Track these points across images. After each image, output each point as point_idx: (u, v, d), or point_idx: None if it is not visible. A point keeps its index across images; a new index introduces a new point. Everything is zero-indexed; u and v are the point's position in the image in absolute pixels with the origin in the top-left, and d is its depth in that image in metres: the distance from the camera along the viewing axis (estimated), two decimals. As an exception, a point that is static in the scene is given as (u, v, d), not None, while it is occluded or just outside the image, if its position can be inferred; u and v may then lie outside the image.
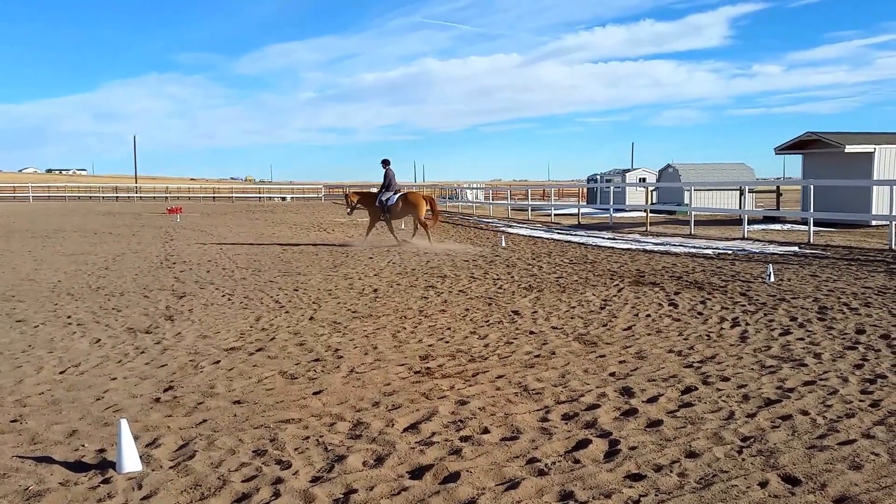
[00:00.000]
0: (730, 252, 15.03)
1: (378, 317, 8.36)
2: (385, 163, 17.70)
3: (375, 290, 10.37)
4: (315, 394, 5.31)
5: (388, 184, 17.57)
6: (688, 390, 5.21)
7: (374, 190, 18.52)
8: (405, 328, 7.69)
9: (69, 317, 8.51)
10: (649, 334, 7.18)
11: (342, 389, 5.42)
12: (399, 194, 17.75)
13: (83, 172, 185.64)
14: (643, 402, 4.96)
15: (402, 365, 6.12)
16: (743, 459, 3.90)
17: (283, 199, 63.52)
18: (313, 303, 9.38)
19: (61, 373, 6.00)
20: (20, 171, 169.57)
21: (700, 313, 8.22)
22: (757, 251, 15.16)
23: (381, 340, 7.10)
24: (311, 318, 8.30)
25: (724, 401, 4.93)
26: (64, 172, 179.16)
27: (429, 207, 17.99)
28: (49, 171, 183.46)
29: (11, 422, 4.74)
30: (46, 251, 16.63)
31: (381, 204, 17.40)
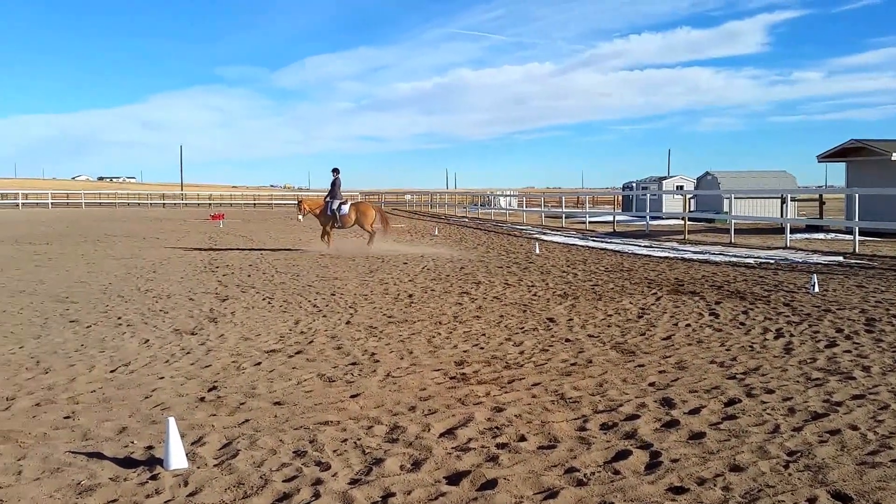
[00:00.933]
0: (772, 261, 14.76)
1: (413, 322, 8.41)
2: (335, 171, 18.51)
3: (410, 296, 10.44)
4: (352, 397, 5.37)
5: (334, 192, 18.28)
6: (731, 402, 5.13)
7: (319, 197, 19.00)
8: (440, 334, 7.73)
9: (119, 318, 8.76)
10: (690, 344, 7.10)
11: (379, 393, 5.47)
12: (350, 204, 18.56)
13: (132, 180, 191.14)
14: (685, 413, 4.90)
15: (438, 370, 6.16)
16: (790, 474, 3.83)
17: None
18: (350, 307, 9.48)
19: (112, 371, 6.18)
20: (73, 178, 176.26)
21: (742, 324, 8.10)
22: (800, 261, 14.85)
23: (416, 345, 7.15)
24: (347, 323, 8.40)
25: (768, 414, 4.85)
26: (114, 180, 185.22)
27: (380, 218, 19.07)
28: (100, 178, 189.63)
29: (65, 418, 4.91)
30: (98, 255, 17.11)
31: (333, 213, 18.04)
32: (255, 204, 67.10)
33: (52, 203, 58.21)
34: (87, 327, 8.14)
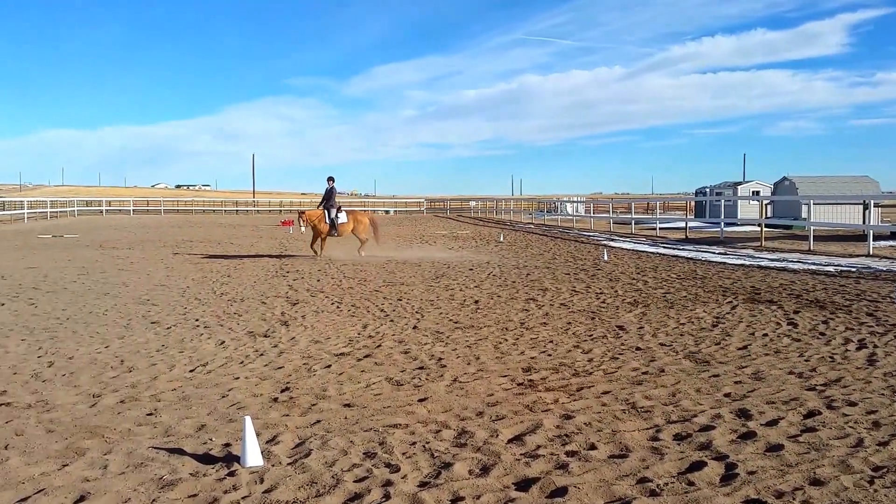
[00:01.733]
0: (853, 269, 14.11)
1: (480, 328, 8.42)
2: (331, 179, 18.42)
3: (476, 302, 10.46)
4: (420, 401, 5.42)
5: (331, 200, 18.20)
6: (810, 414, 4.95)
7: (311, 208, 18.84)
8: (507, 340, 7.71)
9: (197, 320, 9.09)
10: (767, 354, 6.86)
11: (446, 398, 5.50)
12: (346, 212, 18.50)
13: (207, 187, 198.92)
14: (762, 424, 4.75)
15: (505, 376, 6.15)
16: (875, 490, 3.66)
17: (387, 212, 65.12)
18: (416, 312, 9.57)
19: (191, 371, 6.42)
20: (153, 186, 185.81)
21: (822, 334, 7.78)
22: (884, 269, 14.14)
23: (483, 351, 7.15)
24: (414, 328, 8.47)
25: (851, 427, 4.65)
26: (191, 187, 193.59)
27: (372, 226, 19.05)
28: (178, 186, 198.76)
29: (147, 415, 5.12)
30: (177, 259, 17.81)
31: (332, 221, 18.01)
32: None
33: (133, 210, 60.94)
34: (167, 329, 8.47)
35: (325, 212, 18.15)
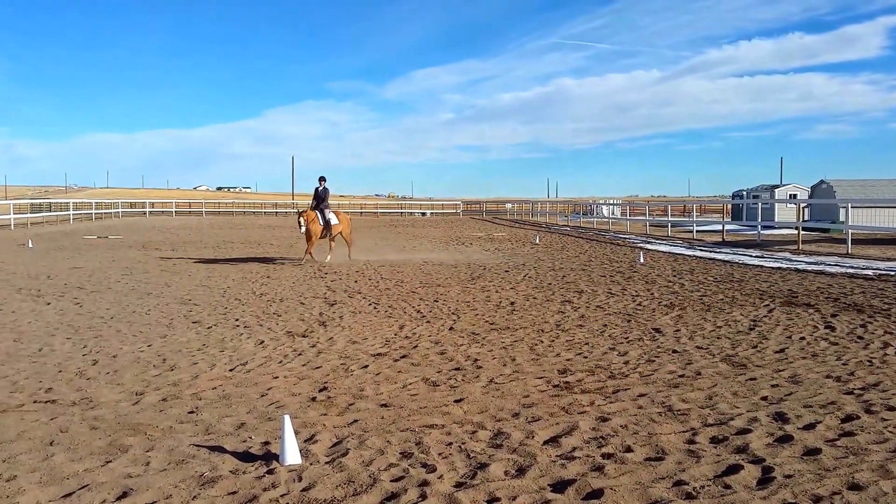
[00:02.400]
0: (892, 273, 13.76)
1: (515, 329, 8.44)
2: (322, 179, 17.86)
3: (512, 303, 10.47)
4: (456, 402, 5.47)
5: (325, 201, 17.67)
6: (848, 418, 4.88)
7: (304, 209, 17.83)
8: (542, 342, 7.72)
9: (237, 320, 9.26)
10: (804, 358, 6.77)
11: (482, 399, 5.54)
12: (334, 213, 17.92)
13: (248, 190, 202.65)
14: (799, 428, 4.70)
15: (541, 378, 6.16)
16: (915, 497, 3.61)
17: (423, 214, 65.44)
18: (452, 314, 9.62)
19: (231, 370, 6.56)
20: (194, 188, 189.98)
21: (860, 337, 7.63)
22: (931, 272, 13.76)
23: (518, 353, 7.17)
24: (450, 329, 8.53)
25: (890, 431, 4.57)
26: (232, 190, 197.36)
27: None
28: (219, 188, 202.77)
29: (189, 413, 5.25)
30: (217, 260, 18.12)
31: (327, 222, 17.46)
32: (361, 212, 69.07)
33: (175, 212, 62.23)
34: (208, 328, 8.66)
35: (319, 213, 17.34)
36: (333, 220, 17.68)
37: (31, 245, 22.22)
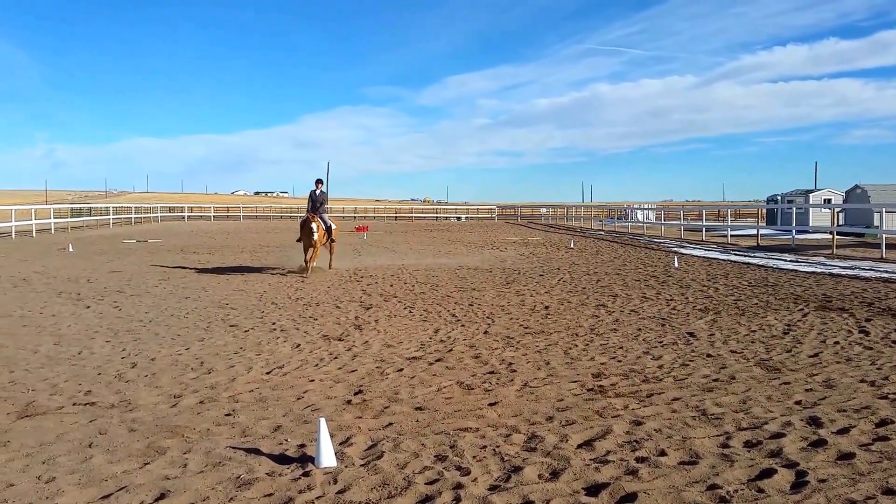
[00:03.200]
0: (941, 276, 13.42)
1: (549, 333, 8.45)
2: (319, 182, 17.25)
3: (546, 308, 10.47)
4: (491, 405, 5.51)
5: (323, 205, 17.10)
6: (883, 423, 4.82)
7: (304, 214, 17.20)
8: (576, 345, 7.72)
9: (273, 323, 9.41)
10: (838, 362, 6.67)
11: (516, 402, 5.58)
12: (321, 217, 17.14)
13: (285, 194, 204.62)
14: (833, 433, 4.65)
15: (575, 382, 6.18)
16: (955, 504, 3.56)
17: (458, 218, 65.48)
18: (487, 317, 9.66)
19: (267, 373, 6.67)
20: (232, 192, 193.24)
21: (895, 342, 7.49)
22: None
23: (553, 356, 7.19)
24: (485, 333, 8.57)
25: (930, 439, 4.50)
26: (269, 194, 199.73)
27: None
28: (256, 193, 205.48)
29: (226, 415, 5.35)
30: (254, 265, 18.32)
31: (328, 228, 16.92)
32: (396, 217, 69.38)
33: (213, 216, 63.22)
34: (245, 332, 8.81)
35: (320, 218, 16.61)
36: (332, 225, 17.35)
37: (71, 249, 22.79)
